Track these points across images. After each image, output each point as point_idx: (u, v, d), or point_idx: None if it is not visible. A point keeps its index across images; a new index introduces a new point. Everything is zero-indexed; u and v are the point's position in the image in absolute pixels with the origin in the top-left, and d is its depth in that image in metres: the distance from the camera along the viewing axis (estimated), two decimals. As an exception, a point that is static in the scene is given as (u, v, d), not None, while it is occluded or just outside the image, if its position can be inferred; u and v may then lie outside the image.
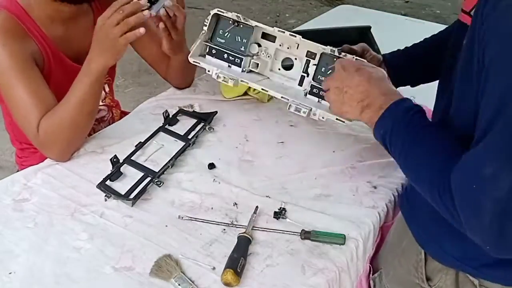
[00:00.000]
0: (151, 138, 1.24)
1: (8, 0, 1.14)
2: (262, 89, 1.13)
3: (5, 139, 2.50)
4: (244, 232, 0.96)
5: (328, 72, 1.09)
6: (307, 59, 1.13)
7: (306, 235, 0.97)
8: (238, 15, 1.16)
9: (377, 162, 1.18)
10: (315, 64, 1.11)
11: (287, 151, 1.22)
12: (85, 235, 0.97)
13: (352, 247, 0.97)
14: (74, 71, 1.17)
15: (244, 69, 1.17)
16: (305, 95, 1.13)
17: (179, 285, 0.86)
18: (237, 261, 0.89)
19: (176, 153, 1.17)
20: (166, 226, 1.00)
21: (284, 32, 1.12)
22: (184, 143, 1.21)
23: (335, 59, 1.06)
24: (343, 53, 1.07)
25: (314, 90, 1.12)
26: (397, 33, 1.78)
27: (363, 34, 1.67)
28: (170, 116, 1.31)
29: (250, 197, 1.07)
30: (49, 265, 0.91)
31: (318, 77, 1.11)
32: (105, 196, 1.05)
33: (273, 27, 1.14)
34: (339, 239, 0.96)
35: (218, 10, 1.17)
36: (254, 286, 0.88)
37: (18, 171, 1.27)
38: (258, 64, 1.17)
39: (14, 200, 1.04)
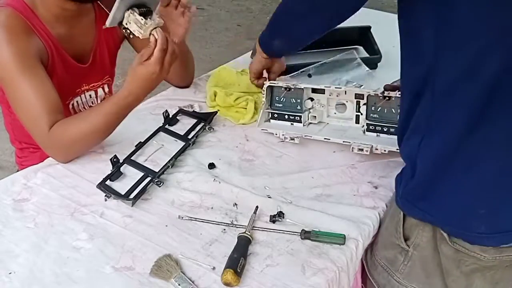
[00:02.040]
0: (151, 138, 1.24)
1: None
2: (325, 138, 1.21)
3: (5, 139, 2.50)
4: (244, 232, 0.96)
5: (378, 110, 1.19)
6: (357, 100, 1.23)
7: (306, 235, 0.97)
8: (288, 84, 1.27)
9: (377, 162, 1.18)
10: (364, 104, 1.21)
11: (288, 151, 1.23)
12: (85, 235, 0.97)
13: (352, 247, 0.97)
14: (74, 69, 1.18)
15: (304, 124, 1.28)
16: (364, 132, 1.22)
17: (179, 285, 0.86)
18: (237, 261, 0.89)
19: (176, 153, 1.17)
20: (166, 226, 1.00)
21: (329, 86, 1.24)
22: (184, 143, 1.21)
23: (381, 97, 1.17)
24: (386, 92, 1.16)
25: (371, 127, 1.22)
26: (397, 33, 1.77)
27: (363, 34, 1.67)
28: (170, 116, 1.31)
29: (250, 197, 1.07)
30: (49, 265, 0.91)
31: (371, 115, 1.21)
32: (105, 196, 1.05)
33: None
34: (339, 239, 0.96)
35: (270, 83, 1.28)
36: (254, 286, 0.88)
37: (18, 171, 1.27)
38: (315, 116, 1.27)
39: (14, 200, 1.04)
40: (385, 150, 1.14)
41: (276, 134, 1.25)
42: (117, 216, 1.01)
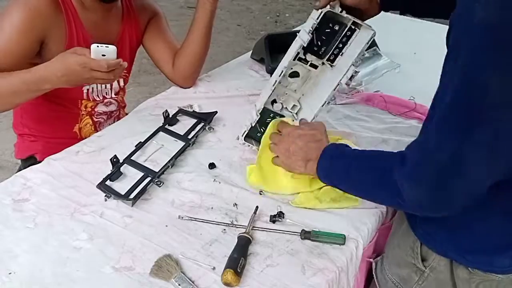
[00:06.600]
0: (151, 138, 1.24)
1: None
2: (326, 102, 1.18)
3: (5, 139, 2.50)
4: (244, 232, 0.96)
5: (320, 41, 1.13)
6: (299, 57, 1.16)
7: (306, 235, 0.97)
8: (250, 124, 1.20)
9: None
10: (303, 48, 1.12)
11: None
12: (85, 235, 0.97)
13: (352, 247, 0.97)
14: None
15: (296, 118, 1.23)
16: (331, 66, 1.17)
17: (179, 285, 0.86)
18: (237, 261, 0.89)
19: (176, 153, 1.17)
20: (166, 226, 1.00)
21: (269, 87, 1.14)
22: (184, 143, 1.21)
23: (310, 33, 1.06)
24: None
25: (331, 57, 1.16)
26: (397, 33, 1.78)
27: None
28: (170, 116, 1.31)
29: (250, 197, 1.07)
30: (49, 265, 0.91)
31: (319, 52, 1.16)
32: (105, 196, 1.05)
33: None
34: (339, 239, 0.97)
35: (244, 139, 1.21)
36: (254, 286, 0.88)
37: (18, 170, 1.27)
38: (294, 104, 1.23)
39: (14, 200, 1.04)
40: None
41: None
42: (117, 216, 1.01)
